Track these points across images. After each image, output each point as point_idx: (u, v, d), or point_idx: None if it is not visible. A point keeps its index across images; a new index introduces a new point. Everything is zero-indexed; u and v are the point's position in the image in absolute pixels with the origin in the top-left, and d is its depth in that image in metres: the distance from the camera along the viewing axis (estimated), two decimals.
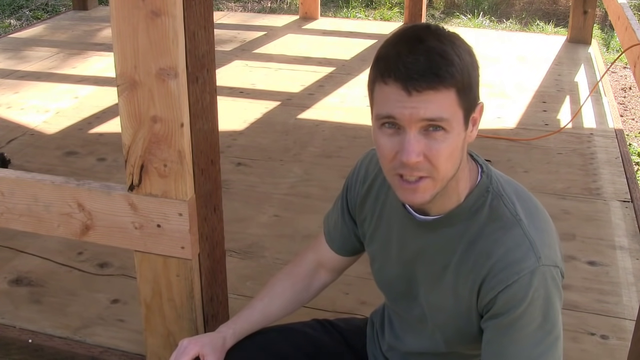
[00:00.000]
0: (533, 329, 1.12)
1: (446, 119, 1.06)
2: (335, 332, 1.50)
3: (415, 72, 1.04)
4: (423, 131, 1.07)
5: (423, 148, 1.07)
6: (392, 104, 1.06)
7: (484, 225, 1.16)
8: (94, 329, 2.02)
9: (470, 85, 1.09)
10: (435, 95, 1.05)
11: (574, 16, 4.76)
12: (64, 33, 5.08)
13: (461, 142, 1.11)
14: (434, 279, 1.23)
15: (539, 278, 1.11)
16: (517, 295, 1.11)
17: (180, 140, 1.45)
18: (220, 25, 5.19)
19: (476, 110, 1.13)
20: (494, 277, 1.12)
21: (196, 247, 1.56)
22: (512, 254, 1.12)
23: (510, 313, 1.12)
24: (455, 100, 1.07)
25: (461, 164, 1.14)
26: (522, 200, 1.19)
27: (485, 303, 1.15)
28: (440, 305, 1.23)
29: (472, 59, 1.10)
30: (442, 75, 1.04)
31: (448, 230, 1.19)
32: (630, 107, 4.55)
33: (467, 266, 1.17)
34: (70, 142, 3.29)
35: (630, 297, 2.16)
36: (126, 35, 1.39)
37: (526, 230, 1.14)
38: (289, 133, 3.40)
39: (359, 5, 6.94)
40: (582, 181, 2.90)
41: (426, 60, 1.04)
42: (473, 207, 1.18)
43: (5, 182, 1.63)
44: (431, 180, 1.10)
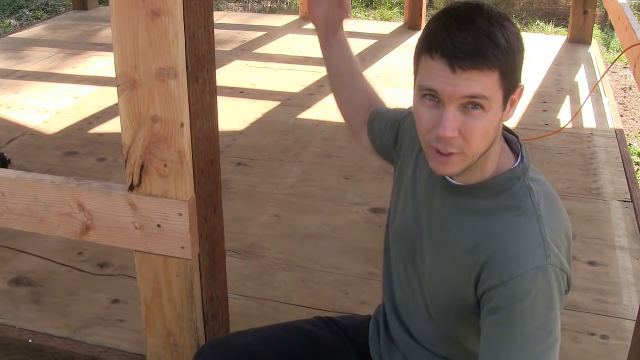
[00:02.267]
0: (534, 328, 1.11)
1: (486, 98, 1.08)
2: (338, 330, 1.50)
3: (462, 51, 1.06)
4: (462, 108, 1.09)
5: (459, 124, 1.09)
6: (436, 78, 1.09)
7: (502, 209, 1.17)
8: (94, 329, 2.02)
9: (514, 68, 1.11)
10: (478, 75, 1.07)
11: (574, 16, 4.76)
12: (64, 33, 5.08)
13: (497, 121, 1.13)
14: (437, 245, 1.23)
15: (545, 276, 1.10)
16: (520, 291, 1.10)
17: (180, 140, 1.45)
18: (220, 25, 5.19)
19: (516, 92, 1.15)
20: (499, 265, 1.12)
21: (196, 247, 1.56)
22: (521, 245, 1.12)
23: (511, 308, 1.11)
24: (497, 82, 1.09)
25: (494, 142, 1.16)
26: (548, 202, 1.19)
27: (485, 289, 1.14)
28: (438, 271, 1.23)
29: (518, 43, 1.12)
30: (487, 57, 1.06)
31: (465, 200, 1.21)
32: (630, 107, 4.55)
33: (472, 242, 1.17)
34: (70, 142, 3.29)
35: (630, 297, 2.16)
36: (126, 35, 1.39)
37: (542, 227, 1.14)
38: (289, 133, 3.40)
39: (359, 5, 6.94)
40: (582, 181, 2.90)
41: (474, 41, 1.06)
42: (498, 187, 1.19)
43: (5, 182, 1.63)
44: (462, 156, 1.12)
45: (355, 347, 1.48)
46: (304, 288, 2.23)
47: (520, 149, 1.24)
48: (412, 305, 1.34)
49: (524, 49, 1.13)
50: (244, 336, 1.46)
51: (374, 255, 2.32)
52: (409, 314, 1.36)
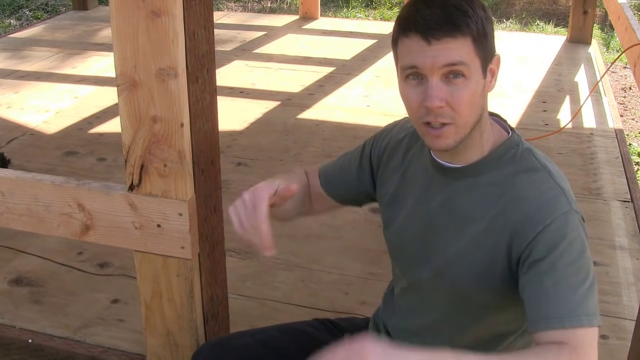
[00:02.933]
0: (574, 271, 1.12)
1: (465, 63, 1.14)
2: (337, 331, 1.50)
3: (434, 23, 1.13)
4: (444, 79, 1.14)
5: (445, 95, 1.14)
6: (415, 54, 1.15)
7: (513, 174, 1.21)
8: (94, 329, 2.02)
9: (485, 35, 1.17)
10: (453, 42, 1.13)
11: (574, 16, 4.76)
12: (64, 33, 5.08)
13: (480, 89, 1.18)
14: (456, 230, 1.24)
15: (574, 220, 1.15)
16: (555, 235, 1.13)
17: (180, 140, 1.45)
18: (220, 25, 5.19)
19: (493, 61, 1.22)
20: (530, 220, 1.15)
21: (196, 247, 1.56)
22: (545, 196, 1.17)
23: (549, 255, 1.13)
24: (472, 49, 1.15)
25: (483, 115, 1.21)
26: (547, 159, 1.25)
27: (522, 250, 1.15)
28: (460, 258, 1.23)
29: (485, 13, 1.18)
30: (458, 23, 1.13)
31: (474, 179, 1.24)
32: (630, 107, 4.55)
33: (494, 212, 1.20)
34: (70, 142, 3.29)
35: (630, 297, 2.16)
36: (126, 35, 1.39)
37: (556, 179, 1.20)
38: (289, 133, 3.40)
39: (359, 5, 6.94)
40: (582, 181, 2.90)
41: (442, 12, 1.13)
42: (503, 157, 1.24)
43: (5, 182, 1.63)
44: (454, 126, 1.16)
45: None
46: (304, 288, 2.23)
47: (505, 123, 1.30)
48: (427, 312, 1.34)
49: (492, 20, 1.20)
50: (242, 337, 1.46)
51: (374, 255, 2.32)
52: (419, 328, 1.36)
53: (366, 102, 3.77)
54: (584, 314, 1.10)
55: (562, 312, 1.10)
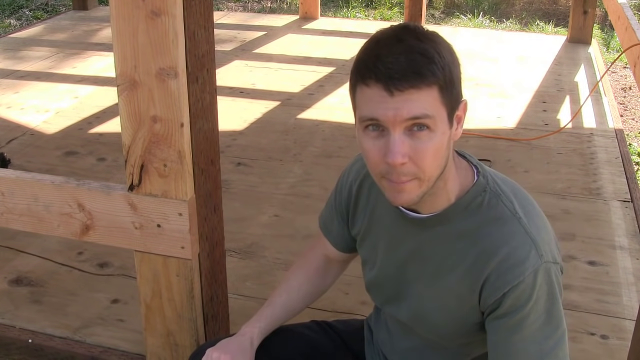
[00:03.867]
0: (540, 326, 1.13)
1: (430, 116, 1.05)
2: (334, 334, 1.50)
3: (396, 72, 1.03)
4: (407, 132, 1.06)
5: (408, 150, 1.06)
6: (375, 105, 1.06)
7: (483, 224, 1.16)
8: (94, 329, 2.02)
9: (452, 82, 1.08)
10: (417, 93, 1.04)
11: (574, 16, 4.76)
12: (64, 33, 5.08)
13: (446, 140, 1.10)
14: (428, 278, 1.23)
15: (543, 275, 1.12)
16: (523, 295, 1.11)
17: (180, 140, 1.45)
18: (220, 25, 5.19)
19: (460, 108, 1.13)
20: (499, 278, 1.12)
21: (196, 247, 1.56)
22: (516, 253, 1.12)
23: (517, 312, 1.12)
24: (438, 99, 1.06)
25: (447, 164, 1.14)
26: (519, 199, 1.19)
27: (490, 303, 1.15)
28: (434, 305, 1.23)
29: (452, 57, 1.09)
30: (423, 73, 1.03)
31: (443, 228, 1.19)
32: (630, 107, 4.55)
33: (466, 264, 1.17)
34: (70, 142, 3.29)
35: (630, 297, 2.16)
36: (126, 35, 1.39)
37: (527, 228, 1.14)
38: (289, 133, 3.40)
39: (359, 5, 6.94)
40: (582, 181, 2.90)
41: (406, 60, 1.03)
42: (470, 205, 1.18)
43: (5, 182, 1.63)
44: (417, 181, 1.10)
45: (351, 352, 1.48)
46: None
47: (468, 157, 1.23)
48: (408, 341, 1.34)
49: (459, 63, 1.11)
50: None
51: None
52: (406, 350, 1.36)
53: None
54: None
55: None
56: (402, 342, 1.36)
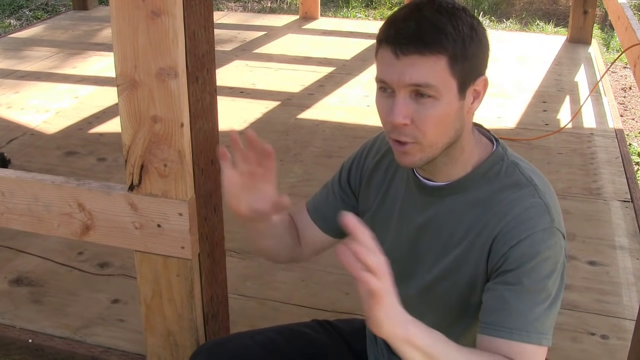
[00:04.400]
0: (537, 290, 1.12)
1: (433, 86, 1.08)
2: (336, 333, 1.50)
3: (403, 37, 1.08)
4: (413, 95, 1.10)
5: (411, 112, 1.10)
6: (384, 67, 1.11)
7: (499, 191, 1.18)
8: (94, 329, 2.02)
9: (466, 55, 1.10)
10: (421, 59, 1.07)
11: (574, 16, 4.76)
12: (64, 33, 5.08)
13: (454, 111, 1.12)
14: (440, 249, 1.23)
15: (552, 238, 1.13)
16: (528, 251, 1.11)
17: (180, 140, 1.45)
18: (220, 25, 5.19)
19: (478, 82, 1.15)
20: (507, 233, 1.13)
21: (196, 247, 1.56)
22: (528, 213, 1.14)
23: (518, 268, 1.12)
24: (446, 69, 1.09)
25: (463, 134, 1.16)
26: (534, 172, 1.21)
27: (495, 261, 1.15)
28: (444, 276, 1.22)
29: (472, 32, 1.11)
30: (428, 41, 1.07)
31: (459, 197, 1.20)
32: (630, 107, 4.55)
33: (477, 229, 1.17)
34: (70, 142, 3.29)
35: (630, 297, 2.16)
36: (126, 35, 1.39)
37: (542, 195, 1.16)
38: (289, 133, 3.40)
39: (359, 5, 6.94)
40: (582, 181, 2.90)
41: (416, 26, 1.08)
42: (488, 173, 1.20)
43: (5, 182, 1.63)
44: (418, 145, 1.13)
45: (352, 352, 1.48)
46: (304, 288, 2.23)
47: (489, 133, 1.26)
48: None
49: (482, 41, 1.13)
50: (240, 339, 1.46)
51: None
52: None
53: (366, 102, 3.77)
54: (535, 331, 1.11)
55: (514, 324, 1.11)
56: None
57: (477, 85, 1.15)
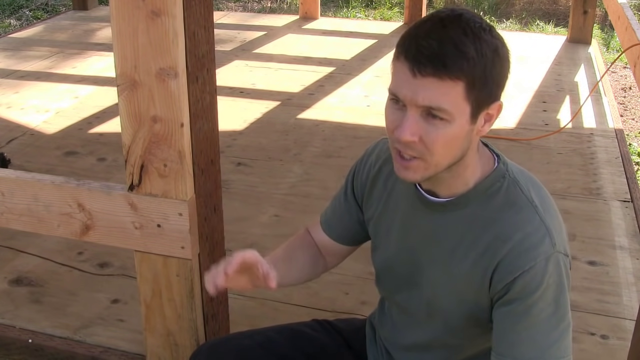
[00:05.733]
0: (547, 315, 1.13)
1: (445, 110, 1.06)
2: (336, 333, 1.50)
3: (424, 57, 1.04)
4: (424, 114, 1.08)
5: (420, 131, 1.08)
6: (399, 82, 1.08)
7: (499, 210, 1.17)
8: (94, 329, 2.02)
9: (485, 81, 1.08)
10: (438, 83, 1.04)
11: (574, 16, 4.76)
12: (64, 33, 5.08)
13: (463, 133, 1.10)
14: (440, 263, 1.22)
15: (554, 264, 1.12)
16: (533, 281, 1.11)
17: (180, 140, 1.45)
18: (220, 25, 5.19)
19: (492, 107, 1.13)
20: (511, 263, 1.13)
21: (196, 247, 1.56)
22: (530, 239, 1.13)
23: (525, 299, 1.12)
24: (462, 94, 1.06)
25: (469, 153, 1.15)
26: (535, 189, 1.20)
27: (499, 288, 1.15)
28: (447, 290, 1.22)
29: (495, 56, 1.08)
30: (449, 65, 1.04)
31: (459, 212, 1.20)
32: (630, 107, 4.55)
33: (480, 249, 1.17)
34: (70, 142, 3.29)
35: (630, 297, 2.16)
36: (126, 35, 1.39)
37: (542, 216, 1.15)
38: (289, 133, 3.40)
39: (359, 5, 6.94)
40: (582, 181, 2.90)
41: (438, 47, 1.04)
42: (488, 190, 1.19)
43: (5, 182, 1.63)
44: (423, 162, 1.11)
45: (352, 351, 1.48)
46: (304, 288, 2.23)
47: (491, 148, 1.25)
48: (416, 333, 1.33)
49: (503, 65, 1.10)
50: (240, 338, 1.46)
51: None
52: (412, 344, 1.35)
53: (366, 102, 3.77)
54: (553, 358, 1.13)
55: (531, 356, 1.13)
56: (408, 336, 1.35)
57: (491, 110, 1.13)
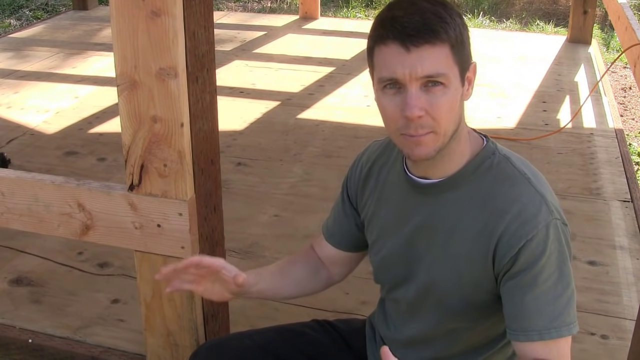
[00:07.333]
0: (553, 283, 1.14)
1: (443, 74, 1.12)
2: (335, 333, 1.50)
3: (412, 29, 1.10)
4: (423, 87, 1.12)
5: (424, 104, 1.12)
6: (393, 63, 1.12)
7: (493, 185, 1.19)
8: (94, 329, 2.02)
9: (463, 42, 1.15)
10: (432, 49, 1.11)
11: (574, 16, 4.76)
12: (64, 33, 5.08)
13: (459, 97, 1.16)
14: (438, 249, 1.23)
15: (554, 230, 1.15)
16: (537, 249, 1.13)
17: (180, 140, 1.45)
18: (220, 25, 5.19)
19: (470, 69, 1.19)
20: (513, 235, 1.14)
21: (196, 247, 1.56)
22: (528, 210, 1.15)
23: (531, 268, 1.14)
24: (450, 57, 1.13)
25: (461, 124, 1.19)
26: (524, 164, 1.24)
27: (504, 262, 1.16)
28: (444, 276, 1.23)
29: (461, 20, 1.17)
30: (437, 30, 1.11)
31: (453, 193, 1.21)
32: (630, 107, 4.55)
33: (478, 227, 1.18)
34: (70, 142, 3.29)
35: (630, 297, 2.16)
36: (126, 35, 1.39)
37: (536, 186, 1.18)
38: (289, 133, 3.40)
39: (359, 5, 6.94)
40: (582, 181, 2.90)
41: (421, 18, 1.11)
42: (480, 167, 1.21)
43: (5, 182, 1.63)
44: (434, 134, 1.14)
45: (352, 352, 1.48)
46: None
47: (478, 131, 1.29)
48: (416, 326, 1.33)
49: (467, 28, 1.19)
50: (239, 339, 1.46)
51: None
52: (411, 340, 1.36)
53: (366, 102, 3.77)
54: (563, 324, 1.14)
55: (542, 325, 1.14)
56: (407, 331, 1.35)
57: (469, 72, 1.19)
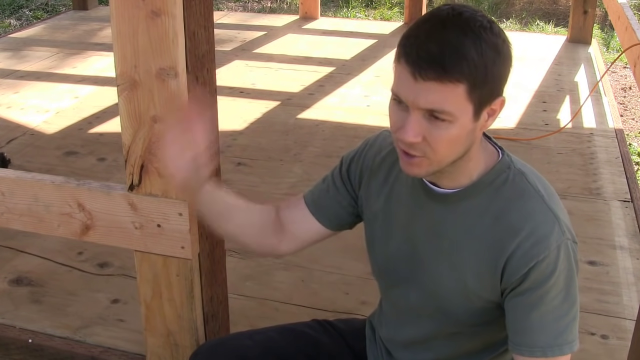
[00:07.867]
0: (559, 302, 1.14)
1: (448, 112, 1.07)
2: (336, 333, 1.50)
3: (425, 61, 1.04)
4: (427, 115, 1.08)
5: (424, 131, 1.09)
6: (401, 84, 1.09)
7: (507, 200, 1.17)
8: (94, 329, 2.02)
9: (486, 80, 1.07)
10: (439, 87, 1.05)
11: (574, 16, 4.76)
12: (64, 33, 5.08)
13: (466, 132, 1.11)
14: (445, 256, 1.22)
15: (564, 251, 1.14)
16: (547, 269, 1.12)
17: None
18: (220, 25, 5.19)
19: (495, 103, 1.12)
20: (524, 254, 1.13)
21: (196, 247, 1.56)
22: (541, 229, 1.14)
23: (539, 288, 1.13)
24: (463, 96, 1.06)
25: (472, 148, 1.15)
26: (539, 179, 1.21)
27: (513, 280, 1.15)
28: (449, 284, 1.22)
29: (496, 54, 1.07)
30: (448, 69, 1.04)
31: (466, 204, 1.20)
32: (630, 107, 4.55)
33: (488, 242, 1.17)
34: (70, 142, 3.29)
35: (630, 297, 2.16)
36: (126, 35, 1.39)
37: (549, 205, 1.16)
38: (289, 133, 3.40)
39: (359, 5, 6.94)
40: (582, 181, 2.90)
41: (438, 50, 1.04)
42: (495, 181, 1.19)
43: (5, 182, 1.63)
44: (427, 159, 1.12)
45: (352, 352, 1.48)
46: (304, 288, 2.23)
47: (494, 142, 1.25)
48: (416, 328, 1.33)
49: (505, 62, 1.10)
50: (240, 338, 1.46)
51: None
52: (409, 341, 1.35)
53: (366, 102, 3.77)
54: (566, 342, 1.15)
55: (545, 342, 1.15)
56: (407, 332, 1.35)
57: (494, 105, 1.13)
